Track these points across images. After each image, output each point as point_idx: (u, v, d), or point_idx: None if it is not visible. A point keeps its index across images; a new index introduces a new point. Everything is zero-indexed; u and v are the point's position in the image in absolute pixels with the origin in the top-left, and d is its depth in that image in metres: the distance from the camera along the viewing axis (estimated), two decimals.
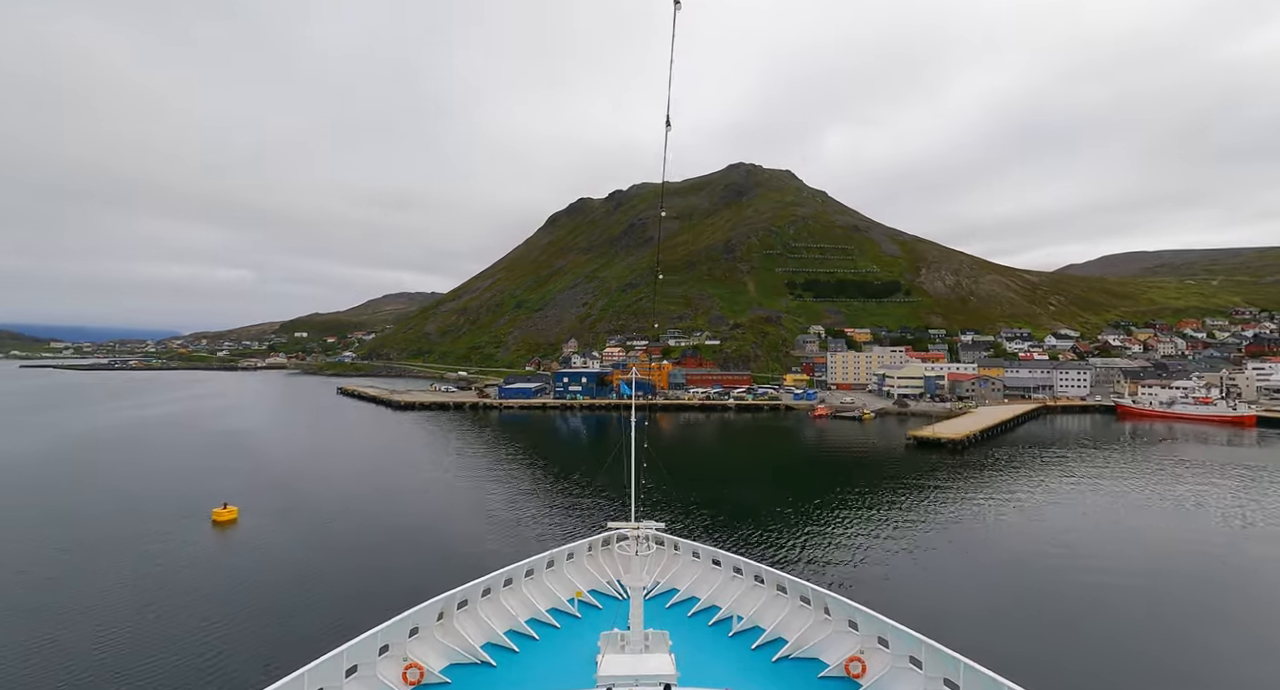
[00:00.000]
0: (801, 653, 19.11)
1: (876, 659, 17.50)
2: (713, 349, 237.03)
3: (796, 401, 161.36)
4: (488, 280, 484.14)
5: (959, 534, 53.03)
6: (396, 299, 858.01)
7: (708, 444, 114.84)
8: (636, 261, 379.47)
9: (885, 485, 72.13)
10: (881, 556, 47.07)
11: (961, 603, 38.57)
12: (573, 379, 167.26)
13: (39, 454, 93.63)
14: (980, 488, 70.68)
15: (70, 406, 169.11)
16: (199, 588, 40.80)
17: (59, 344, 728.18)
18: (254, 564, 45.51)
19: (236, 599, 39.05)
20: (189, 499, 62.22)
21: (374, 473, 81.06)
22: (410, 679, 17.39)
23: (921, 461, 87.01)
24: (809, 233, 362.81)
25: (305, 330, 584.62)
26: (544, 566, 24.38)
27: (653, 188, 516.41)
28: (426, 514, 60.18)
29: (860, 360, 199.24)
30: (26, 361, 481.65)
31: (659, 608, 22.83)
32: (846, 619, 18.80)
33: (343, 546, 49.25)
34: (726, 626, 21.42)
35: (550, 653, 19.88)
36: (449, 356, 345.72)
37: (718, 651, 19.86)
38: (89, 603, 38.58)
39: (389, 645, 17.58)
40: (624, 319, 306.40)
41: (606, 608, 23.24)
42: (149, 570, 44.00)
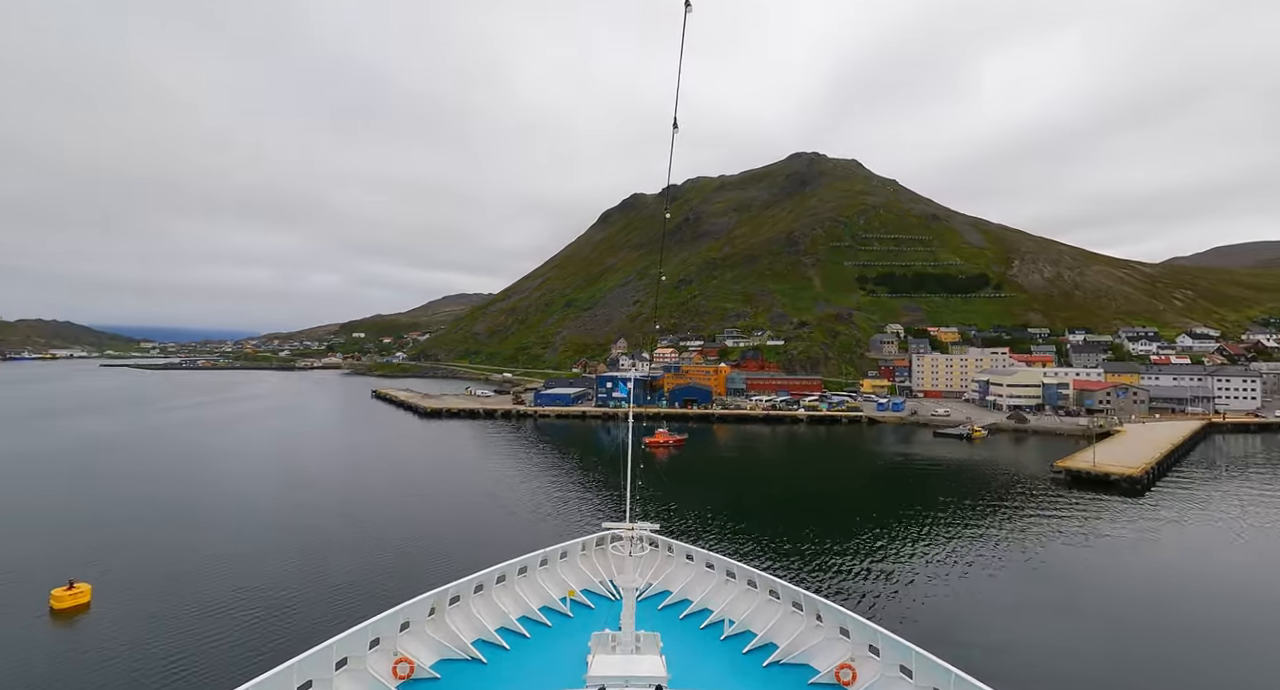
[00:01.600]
0: (792, 658, 18.81)
1: (867, 667, 17.19)
2: (775, 350, 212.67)
3: (880, 412, 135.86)
4: (537, 279, 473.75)
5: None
6: (455, 301, 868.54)
7: (773, 464, 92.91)
8: (691, 256, 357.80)
9: (1046, 561, 47.56)
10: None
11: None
12: (617, 384, 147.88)
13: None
14: (1235, 577, 45.31)
15: (55, 416, 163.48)
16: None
17: (149, 344, 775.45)
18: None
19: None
20: (33, 569, 43.72)
21: (333, 521, 61.96)
22: (400, 673, 17.20)
23: (1085, 509, 61.99)
24: (881, 223, 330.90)
25: (363, 331, 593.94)
26: (537, 564, 24.07)
27: (709, 181, 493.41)
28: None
29: (953, 364, 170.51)
30: (108, 361, 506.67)
31: (651, 609, 22.80)
32: (838, 626, 18.59)
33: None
34: (718, 630, 21.28)
35: (541, 651, 19.77)
36: (496, 357, 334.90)
37: (709, 655, 19.69)
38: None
39: (379, 638, 17.38)
40: (677, 317, 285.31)
41: (599, 608, 23.10)
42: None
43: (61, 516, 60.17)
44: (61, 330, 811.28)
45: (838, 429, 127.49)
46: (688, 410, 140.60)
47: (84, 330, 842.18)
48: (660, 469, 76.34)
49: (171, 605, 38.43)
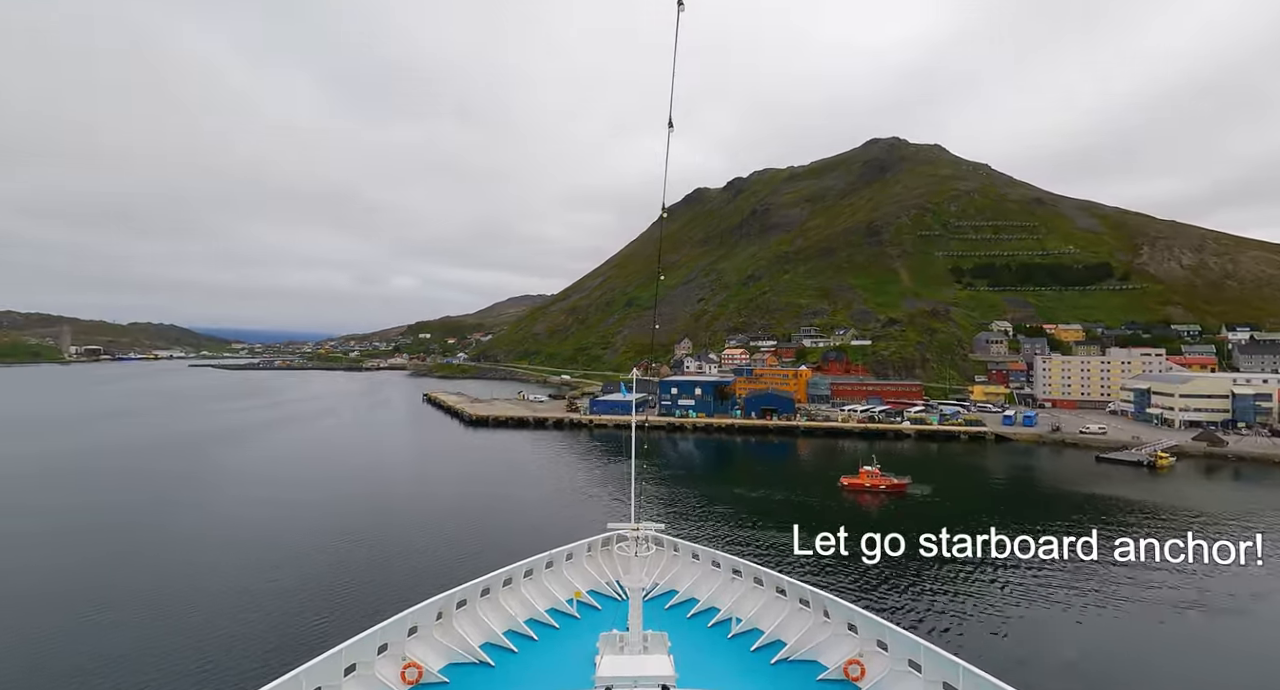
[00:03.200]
0: (800, 655, 18.81)
1: (876, 662, 17.13)
2: (862, 350, 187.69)
3: (1007, 427, 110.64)
4: (598, 278, 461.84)
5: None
6: (518, 302, 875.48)
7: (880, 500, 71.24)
8: (760, 250, 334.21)
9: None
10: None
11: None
12: (683, 389, 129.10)
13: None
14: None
15: (117, 417, 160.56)
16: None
17: (239, 345, 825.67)
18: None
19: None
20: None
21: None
22: (409, 678, 17.19)
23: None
24: (976, 209, 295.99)
25: (430, 332, 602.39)
26: (543, 567, 24.08)
27: (776, 173, 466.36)
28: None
29: (1090, 367, 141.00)
30: (197, 361, 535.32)
31: (658, 609, 22.62)
32: (846, 622, 18.49)
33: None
34: (725, 628, 21.23)
35: (549, 653, 19.82)
36: (555, 358, 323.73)
37: (716, 653, 19.71)
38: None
39: (388, 644, 17.32)
40: (747, 315, 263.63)
41: (605, 608, 23.10)
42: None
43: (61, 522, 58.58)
44: (165, 332, 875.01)
45: (953, 447, 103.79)
46: (766, 421, 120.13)
47: (184, 332, 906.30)
48: (671, 473, 68.67)
49: (175, 612, 38.40)
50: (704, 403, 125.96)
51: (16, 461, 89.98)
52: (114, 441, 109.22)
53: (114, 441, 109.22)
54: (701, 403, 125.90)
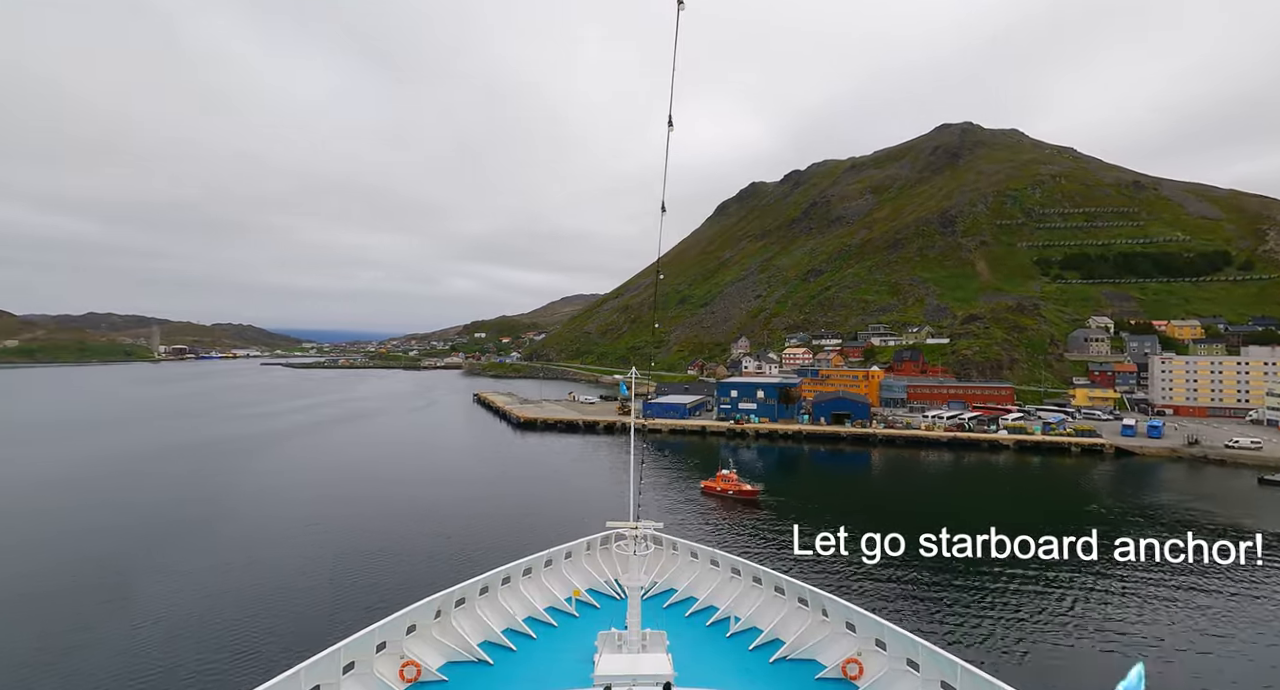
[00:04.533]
0: (799, 654, 18.84)
1: (874, 661, 17.18)
2: (939, 349, 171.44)
3: (1128, 439, 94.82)
4: (650, 277, 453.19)
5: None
6: (571, 301, 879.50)
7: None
8: (821, 244, 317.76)
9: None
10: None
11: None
12: (743, 392, 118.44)
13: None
14: None
15: (171, 419, 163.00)
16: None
17: (309, 344, 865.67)
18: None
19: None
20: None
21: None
22: (407, 676, 17.22)
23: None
24: (1063, 195, 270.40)
25: (485, 331, 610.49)
26: (542, 565, 24.08)
27: (837, 164, 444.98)
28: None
29: (1223, 369, 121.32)
30: (268, 360, 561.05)
31: (657, 607, 22.75)
32: (844, 620, 18.50)
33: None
34: (724, 627, 21.23)
35: (548, 652, 19.79)
36: (607, 357, 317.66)
37: (715, 651, 19.80)
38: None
39: (386, 642, 17.35)
40: (808, 312, 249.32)
41: (604, 607, 23.13)
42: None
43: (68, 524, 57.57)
44: (244, 333, 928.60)
45: (1064, 462, 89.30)
46: (838, 428, 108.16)
47: (260, 332, 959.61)
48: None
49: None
50: (767, 407, 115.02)
51: (48, 465, 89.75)
52: (157, 444, 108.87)
53: (157, 444, 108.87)
54: (764, 407, 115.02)
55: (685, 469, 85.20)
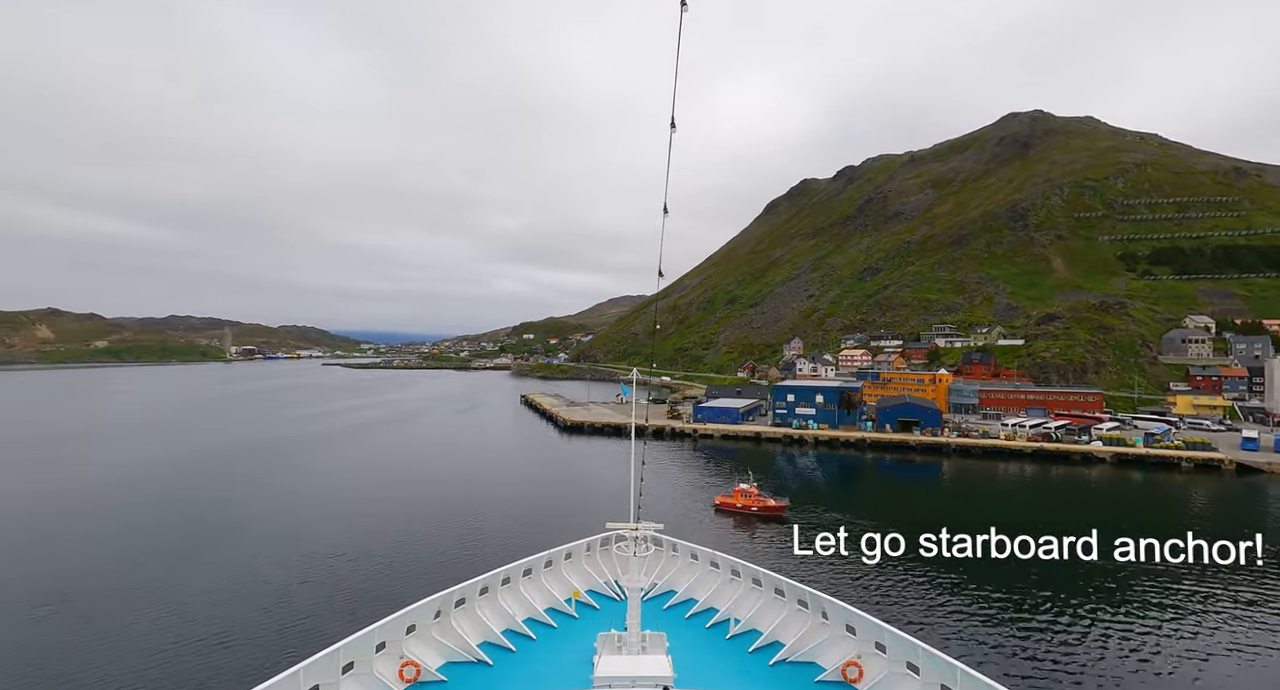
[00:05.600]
0: (799, 656, 18.90)
1: (874, 664, 17.23)
2: (1012, 351, 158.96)
3: (1249, 452, 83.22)
4: (698, 277, 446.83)
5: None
6: (619, 302, 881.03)
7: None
8: (877, 241, 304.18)
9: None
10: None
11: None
12: (801, 396, 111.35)
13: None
14: None
15: (203, 420, 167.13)
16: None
17: (367, 345, 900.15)
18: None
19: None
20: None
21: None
22: (407, 677, 17.19)
23: None
24: (1150, 185, 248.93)
25: (533, 332, 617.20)
26: (542, 566, 24.00)
27: (893, 158, 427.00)
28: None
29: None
30: (329, 360, 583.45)
31: (656, 609, 22.63)
32: (844, 623, 18.51)
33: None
34: (724, 628, 21.20)
35: (547, 653, 19.71)
36: (654, 358, 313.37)
37: (715, 653, 19.72)
38: None
39: (385, 642, 17.32)
40: (865, 312, 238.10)
41: (604, 608, 22.99)
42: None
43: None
44: (308, 334, 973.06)
45: (1172, 479, 78.79)
46: (906, 436, 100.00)
47: (322, 334, 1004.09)
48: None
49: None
50: (826, 412, 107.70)
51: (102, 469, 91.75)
52: (222, 444, 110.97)
53: (222, 444, 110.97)
54: (824, 412, 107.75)
55: (731, 479, 79.79)
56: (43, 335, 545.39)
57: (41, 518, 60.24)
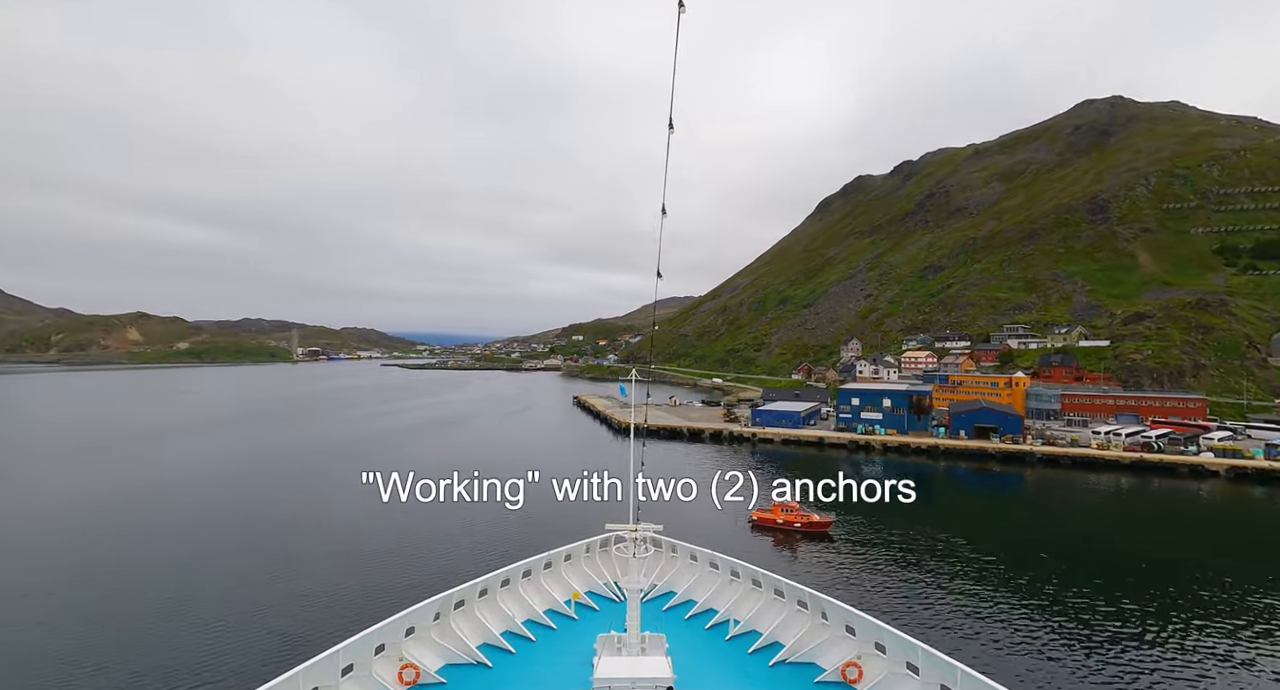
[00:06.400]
0: (799, 657, 18.80)
1: (874, 664, 17.21)
2: (1095, 353, 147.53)
3: None
4: (748, 277, 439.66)
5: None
6: (666, 303, 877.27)
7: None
8: (939, 238, 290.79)
9: None
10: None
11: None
12: (867, 400, 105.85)
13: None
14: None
15: (266, 422, 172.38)
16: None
17: (423, 347, 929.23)
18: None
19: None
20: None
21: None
22: (406, 679, 17.12)
23: None
24: (1250, 171, 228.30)
25: (582, 334, 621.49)
26: (541, 568, 23.93)
27: (955, 151, 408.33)
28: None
29: None
30: (388, 361, 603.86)
31: (656, 610, 22.57)
32: (844, 624, 18.57)
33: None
34: (724, 630, 21.09)
35: (547, 654, 19.64)
36: (705, 360, 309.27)
37: (715, 655, 19.58)
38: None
39: (385, 645, 17.29)
40: (927, 311, 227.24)
41: (604, 610, 22.93)
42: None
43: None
44: (367, 336, 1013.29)
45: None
46: (984, 444, 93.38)
47: (381, 335, 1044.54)
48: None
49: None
50: (894, 417, 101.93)
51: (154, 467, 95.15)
52: (283, 444, 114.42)
53: (283, 444, 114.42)
54: (891, 417, 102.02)
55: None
56: (133, 337, 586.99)
57: (90, 516, 61.67)
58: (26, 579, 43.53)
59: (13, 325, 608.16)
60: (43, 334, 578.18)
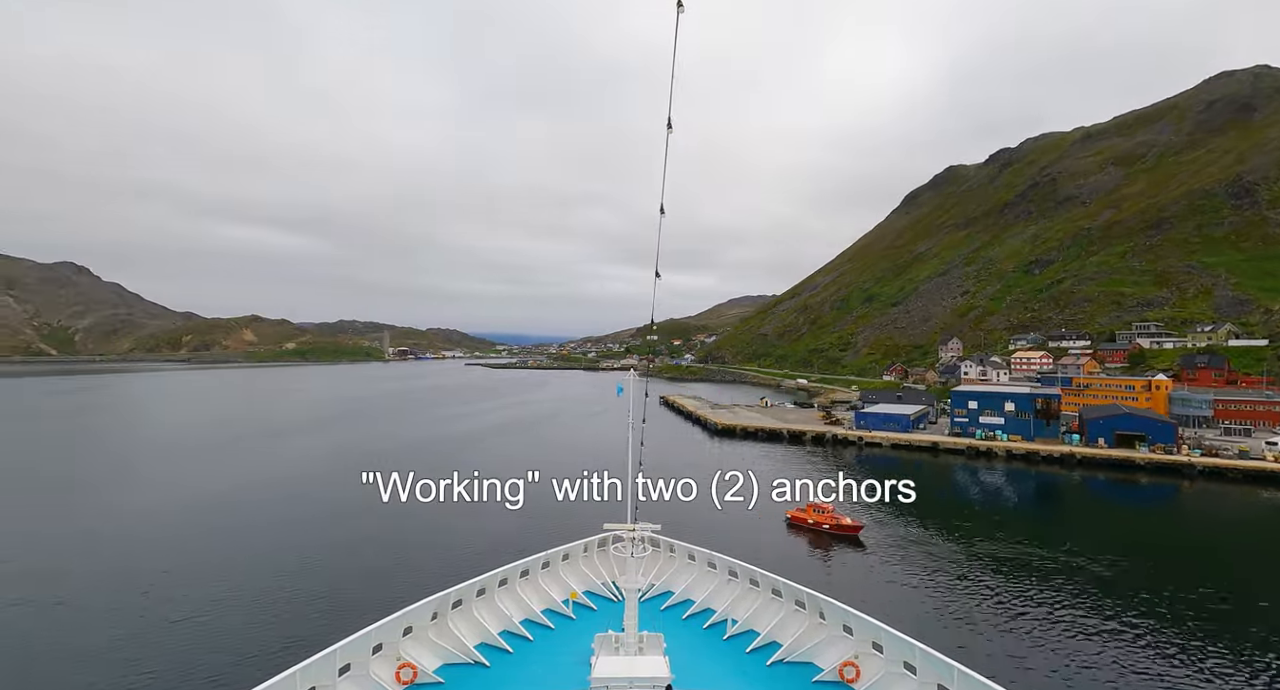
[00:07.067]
0: (796, 657, 18.80)
1: (871, 664, 17.21)
2: (1249, 353, 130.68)
3: None
4: (829, 275, 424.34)
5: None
6: (738, 302, 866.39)
7: None
8: (1046, 230, 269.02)
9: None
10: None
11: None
12: (986, 403, 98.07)
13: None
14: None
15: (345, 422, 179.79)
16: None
17: (502, 347, 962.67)
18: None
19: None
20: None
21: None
22: (403, 679, 17.11)
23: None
24: None
25: (656, 334, 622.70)
26: (539, 567, 23.99)
27: (1061, 135, 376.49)
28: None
29: None
30: (471, 361, 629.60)
31: (654, 610, 22.62)
32: (841, 623, 18.58)
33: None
34: (721, 629, 21.15)
35: (544, 654, 19.69)
36: (786, 360, 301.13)
37: (712, 654, 19.61)
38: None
39: (382, 644, 17.31)
40: (1035, 308, 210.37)
41: (601, 609, 23.02)
42: None
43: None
44: (451, 336, 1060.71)
45: None
46: (1131, 454, 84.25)
47: (463, 336, 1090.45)
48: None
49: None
50: (1019, 422, 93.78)
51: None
52: (369, 448, 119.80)
53: (369, 448, 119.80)
54: (1015, 422, 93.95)
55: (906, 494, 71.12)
56: (248, 338, 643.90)
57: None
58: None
59: (152, 328, 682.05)
60: (175, 335, 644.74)
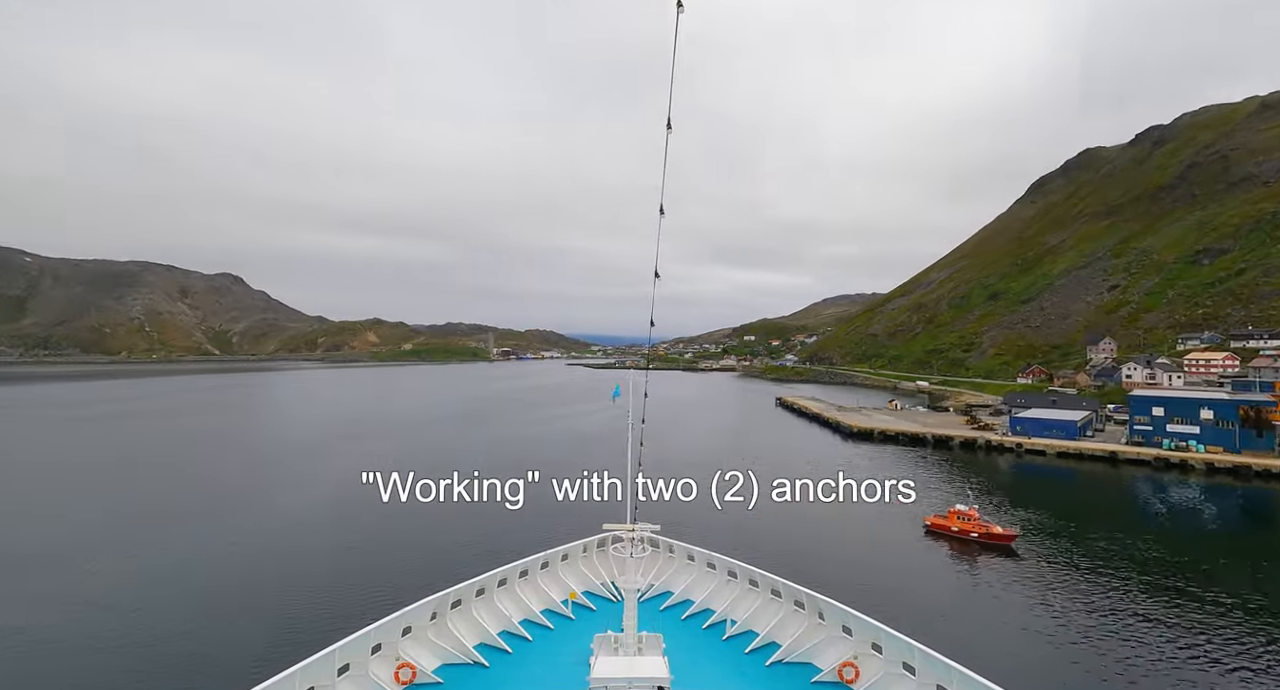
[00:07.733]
0: (795, 657, 18.73)
1: (870, 665, 17.13)
2: None
3: None
4: (944, 271, 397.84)
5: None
6: (836, 301, 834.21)
7: None
8: (1215, 215, 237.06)
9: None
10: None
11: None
12: (1175, 409, 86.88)
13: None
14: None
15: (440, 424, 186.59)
16: None
17: (596, 347, 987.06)
18: None
19: None
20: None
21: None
22: (402, 679, 17.15)
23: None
24: None
25: (753, 334, 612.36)
26: (538, 567, 24.08)
27: (1230, 108, 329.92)
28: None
29: None
30: (570, 361, 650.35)
31: (653, 610, 22.66)
32: (840, 624, 18.48)
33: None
34: (720, 630, 21.10)
35: (543, 654, 19.74)
36: (901, 361, 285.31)
37: (711, 655, 19.62)
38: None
39: (381, 644, 17.36)
40: (1208, 304, 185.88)
41: (600, 609, 23.05)
42: None
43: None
44: (548, 337, 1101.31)
45: None
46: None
47: (560, 337, 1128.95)
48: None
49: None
50: (1220, 432, 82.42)
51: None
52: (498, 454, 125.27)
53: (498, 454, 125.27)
54: (1214, 432, 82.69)
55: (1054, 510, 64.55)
56: (371, 340, 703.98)
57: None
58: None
59: (292, 331, 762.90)
60: (311, 337, 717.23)
